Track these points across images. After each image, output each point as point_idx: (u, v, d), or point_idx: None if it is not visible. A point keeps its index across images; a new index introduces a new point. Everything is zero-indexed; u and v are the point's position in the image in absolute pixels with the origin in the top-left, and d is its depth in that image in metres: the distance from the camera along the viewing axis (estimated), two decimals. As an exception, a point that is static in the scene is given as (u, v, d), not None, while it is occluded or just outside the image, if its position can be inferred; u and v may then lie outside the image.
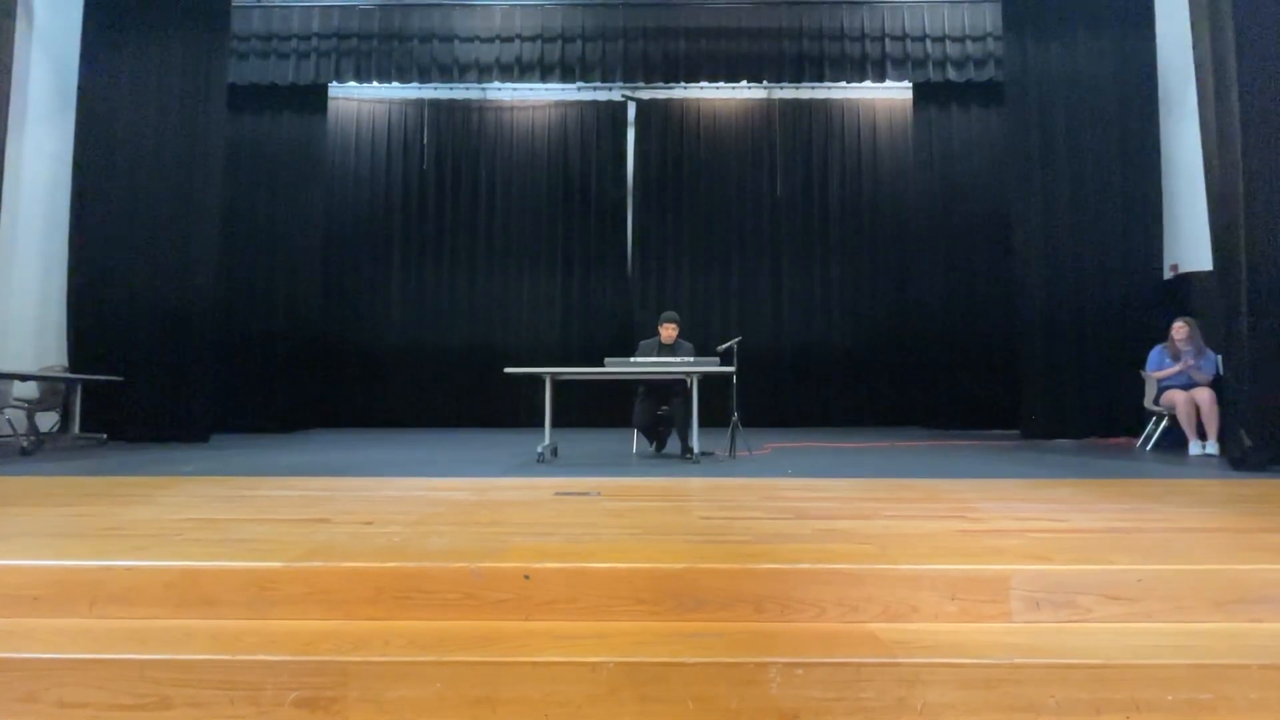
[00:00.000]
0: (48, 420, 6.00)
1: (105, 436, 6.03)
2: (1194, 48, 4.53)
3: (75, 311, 6.41)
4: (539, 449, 4.58)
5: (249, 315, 7.81)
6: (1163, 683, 1.41)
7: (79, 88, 6.59)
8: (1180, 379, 5.22)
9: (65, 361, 6.34)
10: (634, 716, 1.41)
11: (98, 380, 5.99)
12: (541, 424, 4.77)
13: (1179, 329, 5.30)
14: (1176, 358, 5.26)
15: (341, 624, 1.63)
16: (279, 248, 7.98)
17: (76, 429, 5.90)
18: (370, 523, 2.29)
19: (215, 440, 6.28)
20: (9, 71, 5.41)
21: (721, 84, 8.32)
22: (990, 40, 7.60)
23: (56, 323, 6.47)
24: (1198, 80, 4.48)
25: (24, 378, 5.63)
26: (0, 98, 5.33)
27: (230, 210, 7.47)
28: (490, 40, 7.73)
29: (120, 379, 6.09)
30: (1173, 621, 1.65)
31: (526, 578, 1.68)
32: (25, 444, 5.16)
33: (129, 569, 1.71)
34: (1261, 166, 4.11)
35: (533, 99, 9.07)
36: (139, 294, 6.38)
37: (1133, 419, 6.08)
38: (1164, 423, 5.38)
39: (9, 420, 5.70)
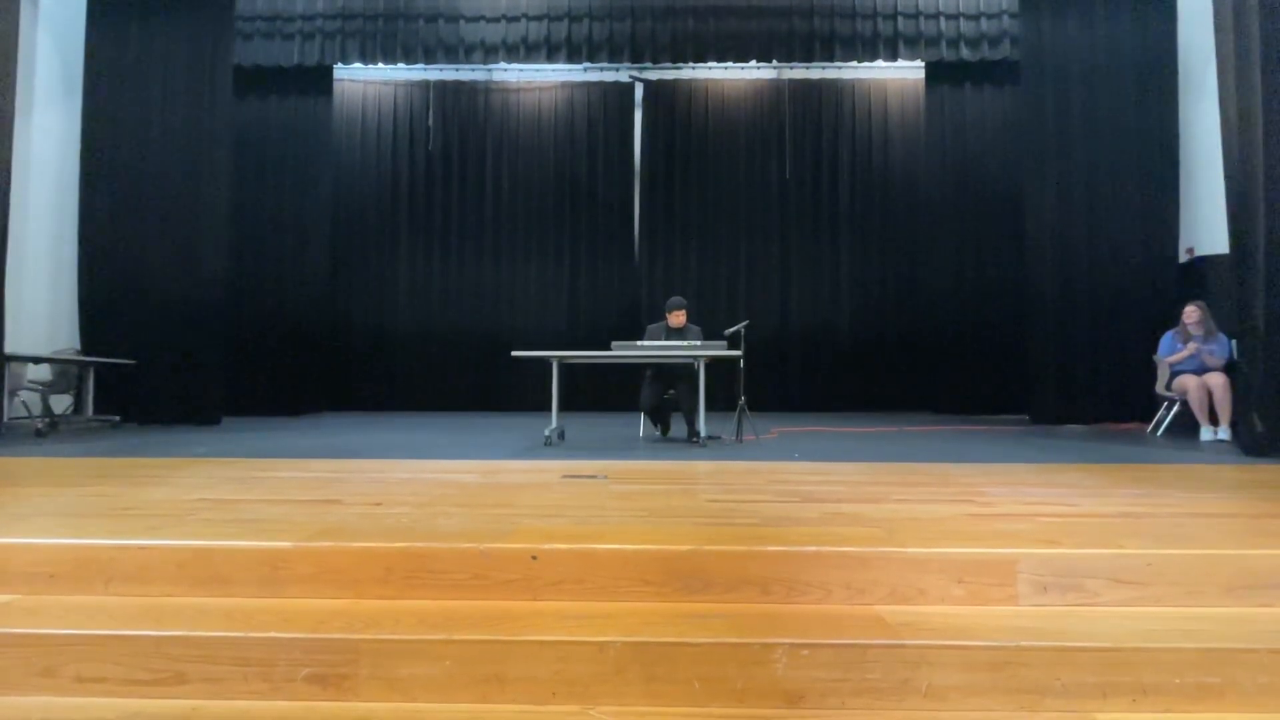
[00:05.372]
0: (61, 403, 6.07)
1: (119, 418, 6.10)
2: (1215, 24, 4.42)
3: (86, 294, 6.46)
4: (546, 432, 4.60)
5: (258, 298, 7.82)
6: (1170, 667, 1.41)
7: (85, 70, 6.57)
8: (1192, 364, 5.16)
9: (77, 344, 6.40)
10: (641, 696, 1.42)
11: (110, 363, 6.05)
12: (549, 408, 4.78)
13: (1190, 313, 5.23)
14: (1188, 342, 5.20)
15: (352, 603, 1.66)
16: (287, 230, 7.98)
17: (90, 411, 5.97)
18: (380, 504, 2.31)
19: (226, 423, 6.33)
20: (15, 56, 5.40)
21: (730, 64, 8.20)
22: (1005, 18, 7.44)
23: (68, 306, 6.52)
24: (1218, 58, 4.37)
25: (37, 360, 5.69)
26: (7, 81, 5.32)
27: (238, 193, 7.47)
28: (496, 20, 7.64)
29: (132, 361, 6.14)
30: (1182, 606, 1.64)
31: (534, 558, 1.69)
32: (40, 426, 5.23)
33: (143, 548, 1.74)
34: (1282, 147, 4.02)
35: (539, 80, 8.99)
36: (149, 276, 6.41)
37: (1144, 404, 6.02)
38: (1175, 408, 5.34)
39: (24, 402, 5.77)
